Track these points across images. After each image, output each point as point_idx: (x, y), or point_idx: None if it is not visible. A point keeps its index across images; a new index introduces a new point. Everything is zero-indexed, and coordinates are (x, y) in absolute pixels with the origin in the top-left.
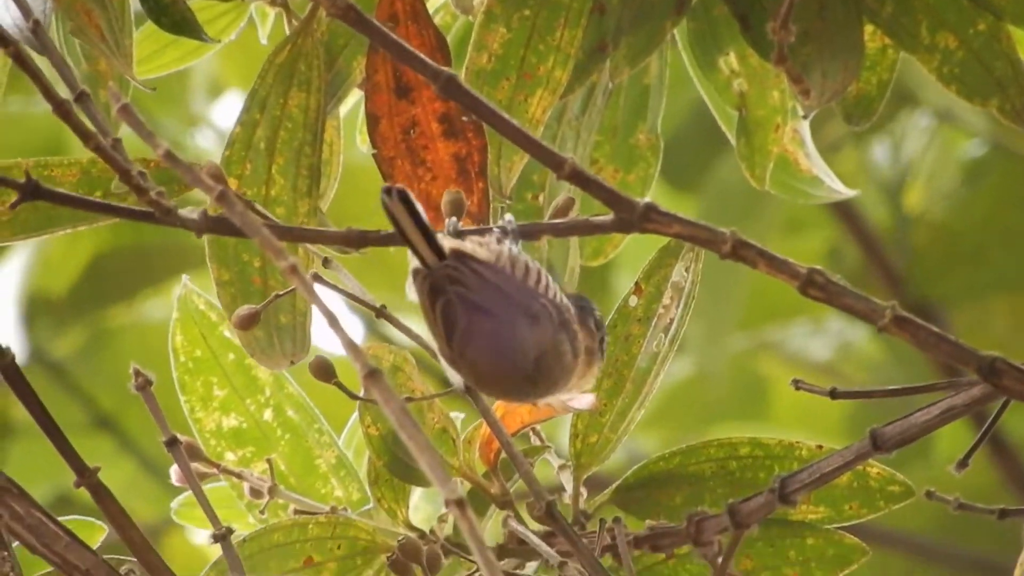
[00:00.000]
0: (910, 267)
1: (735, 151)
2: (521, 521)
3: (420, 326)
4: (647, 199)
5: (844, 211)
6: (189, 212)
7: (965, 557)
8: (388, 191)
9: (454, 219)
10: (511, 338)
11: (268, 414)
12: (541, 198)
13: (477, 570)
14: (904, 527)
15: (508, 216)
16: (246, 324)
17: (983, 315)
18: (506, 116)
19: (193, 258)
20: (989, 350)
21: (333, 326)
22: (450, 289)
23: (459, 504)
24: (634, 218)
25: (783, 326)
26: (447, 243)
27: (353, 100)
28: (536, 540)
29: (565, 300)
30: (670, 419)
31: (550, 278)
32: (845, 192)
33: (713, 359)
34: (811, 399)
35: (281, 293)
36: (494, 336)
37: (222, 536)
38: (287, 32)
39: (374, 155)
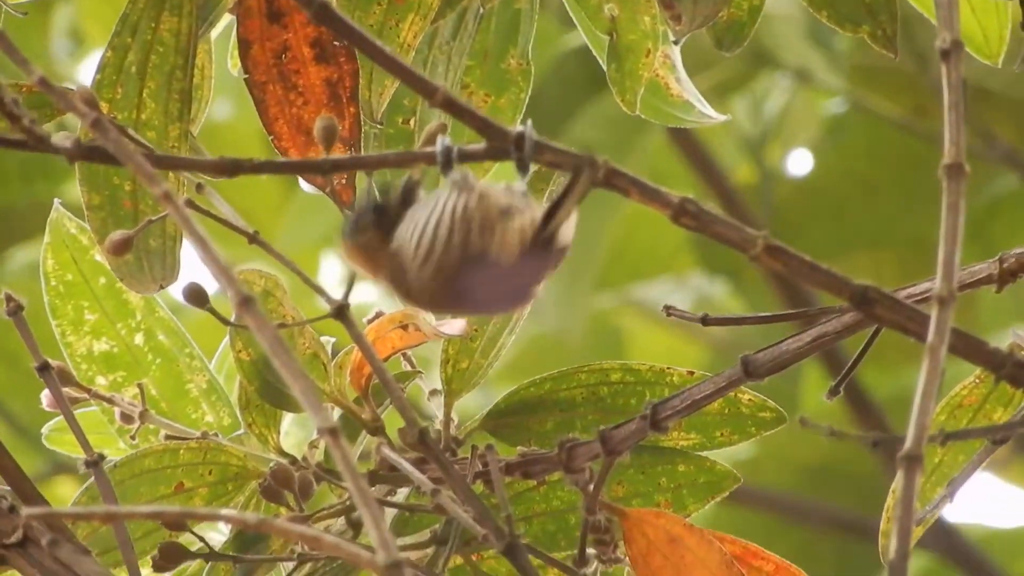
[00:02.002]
0: (771, 224)
1: (606, 76)
2: (392, 447)
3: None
4: (520, 128)
5: (705, 167)
6: (62, 139)
7: (825, 514)
8: (593, 164)
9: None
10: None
11: (139, 338)
12: (412, 122)
13: (349, 497)
14: (765, 485)
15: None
16: (119, 250)
17: (844, 269)
18: (378, 43)
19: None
20: None
21: (204, 251)
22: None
23: (332, 433)
24: (506, 146)
25: (645, 284)
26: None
27: (224, 24)
28: (408, 467)
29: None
30: (527, 373)
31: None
32: (716, 116)
33: (570, 317)
34: (669, 352)
35: (153, 219)
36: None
37: (94, 463)
38: None
39: (245, 80)
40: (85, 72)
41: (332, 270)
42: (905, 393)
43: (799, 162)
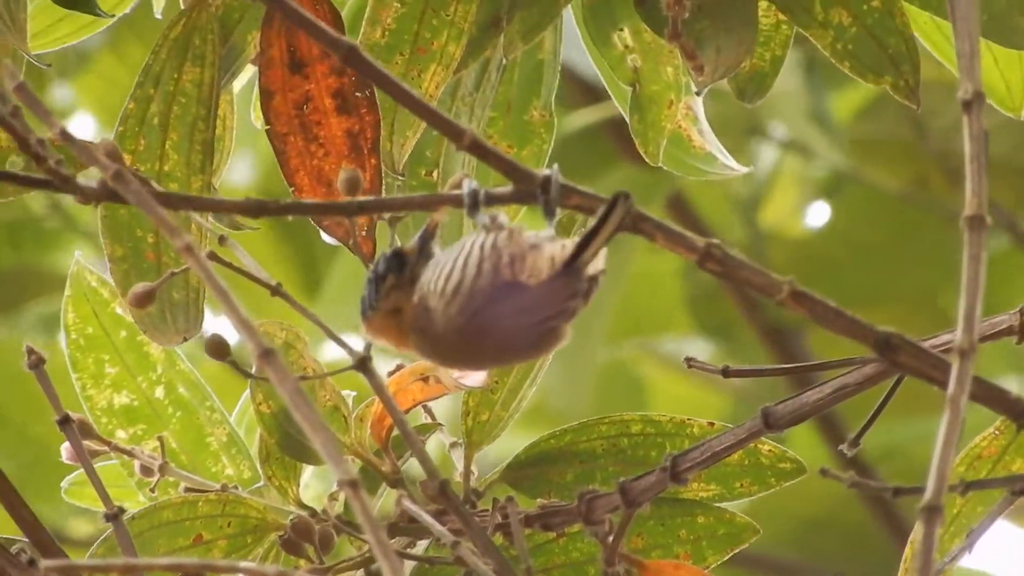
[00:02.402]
0: None
1: (629, 127)
2: (413, 499)
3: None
4: (546, 171)
5: (699, 228)
6: (86, 181)
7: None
8: (626, 196)
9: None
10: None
11: (160, 391)
12: (435, 174)
13: (369, 549)
14: (760, 547)
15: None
16: (142, 302)
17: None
18: (406, 87)
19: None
20: None
21: (226, 304)
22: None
23: (352, 485)
24: (533, 189)
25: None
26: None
27: (247, 75)
28: (429, 519)
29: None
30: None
31: None
32: (738, 168)
33: (579, 370)
34: (688, 400)
35: (176, 271)
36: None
37: (114, 516)
38: (182, 6)
39: (267, 130)
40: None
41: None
42: (895, 446)
43: (791, 224)
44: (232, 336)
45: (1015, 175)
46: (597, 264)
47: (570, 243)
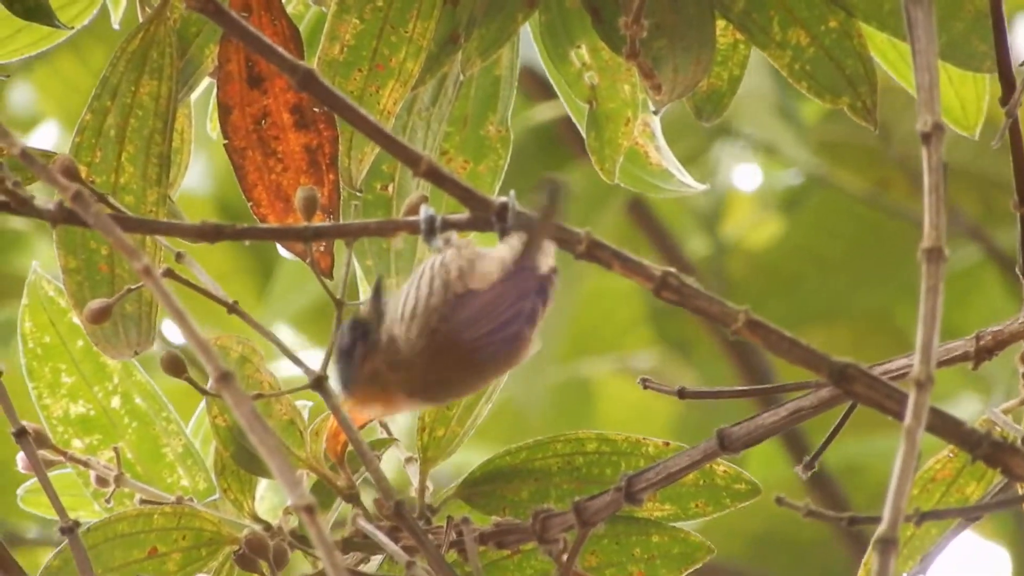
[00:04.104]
0: (726, 297)
1: (585, 144)
2: (368, 515)
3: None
4: (503, 198)
5: (660, 239)
6: (44, 202)
7: None
8: (557, 183)
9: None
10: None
11: (116, 402)
12: (391, 189)
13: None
14: (718, 559)
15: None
16: (98, 318)
17: None
18: (363, 112)
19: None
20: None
21: (183, 325)
22: (536, 300)
23: (308, 510)
24: (488, 216)
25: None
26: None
27: (205, 87)
28: (383, 538)
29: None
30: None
31: None
32: (695, 186)
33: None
34: (637, 405)
35: (132, 287)
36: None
37: (69, 529)
38: (140, 19)
39: (225, 145)
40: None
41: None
42: (857, 461)
43: (754, 235)
44: None
45: (980, 182)
46: (547, 260)
47: (517, 242)
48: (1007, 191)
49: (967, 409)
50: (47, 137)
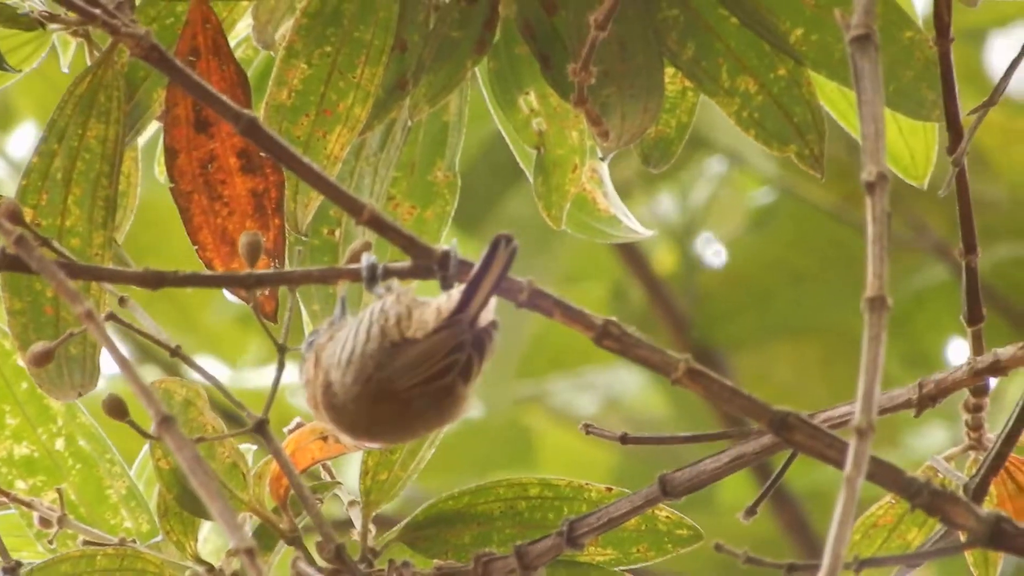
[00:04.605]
0: (695, 311)
1: (532, 189)
2: (310, 558)
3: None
4: (446, 246)
5: (629, 253)
6: None
7: None
8: (508, 239)
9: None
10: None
11: (60, 443)
12: (337, 233)
13: None
14: (686, 573)
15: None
16: (40, 361)
17: (767, 360)
18: (306, 160)
19: None
20: (773, 395)
21: (125, 370)
22: (472, 353)
23: (248, 553)
24: (431, 264)
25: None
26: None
27: (152, 131)
28: None
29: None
30: (441, 469)
31: None
32: (642, 232)
33: (495, 404)
34: (578, 452)
35: (75, 332)
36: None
37: (11, 569)
38: (88, 63)
39: (171, 188)
40: (14, 144)
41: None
42: (819, 485)
43: (724, 251)
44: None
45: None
46: (487, 315)
47: (456, 293)
48: (977, 208)
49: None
50: (24, 139)
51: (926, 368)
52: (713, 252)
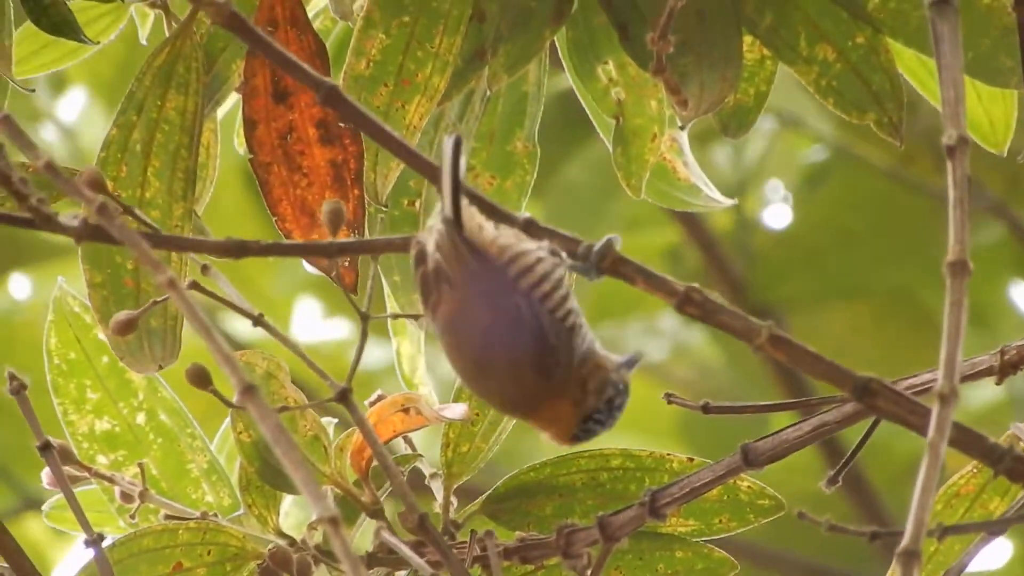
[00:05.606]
0: (750, 271)
1: (612, 159)
2: (392, 529)
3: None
4: (527, 214)
5: (684, 213)
6: (69, 219)
7: (794, 563)
8: (456, 140)
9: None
10: (476, 332)
11: (141, 418)
12: (418, 204)
13: None
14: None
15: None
16: (123, 330)
17: (821, 320)
18: (387, 128)
19: (31, 252)
20: (826, 355)
21: (209, 339)
22: (431, 257)
23: (332, 522)
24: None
25: (617, 325)
26: (466, 213)
27: (231, 103)
28: (408, 552)
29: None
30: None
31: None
32: (723, 201)
33: None
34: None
35: (158, 300)
36: (462, 326)
37: (93, 542)
38: (167, 34)
39: (250, 160)
40: (64, 109)
41: (307, 314)
42: (878, 441)
43: (779, 211)
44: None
45: (1006, 159)
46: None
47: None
48: None
49: (985, 391)
50: (74, 104)
51: (982, 325)
52: (772, 213)
